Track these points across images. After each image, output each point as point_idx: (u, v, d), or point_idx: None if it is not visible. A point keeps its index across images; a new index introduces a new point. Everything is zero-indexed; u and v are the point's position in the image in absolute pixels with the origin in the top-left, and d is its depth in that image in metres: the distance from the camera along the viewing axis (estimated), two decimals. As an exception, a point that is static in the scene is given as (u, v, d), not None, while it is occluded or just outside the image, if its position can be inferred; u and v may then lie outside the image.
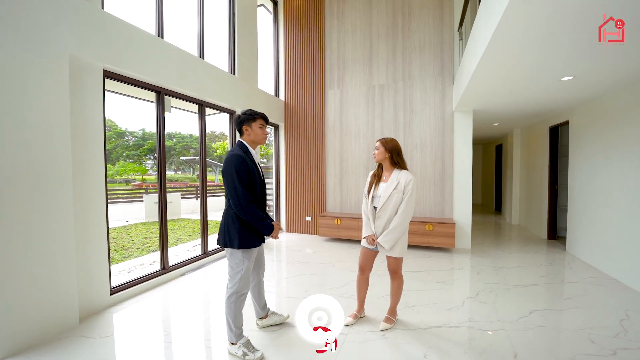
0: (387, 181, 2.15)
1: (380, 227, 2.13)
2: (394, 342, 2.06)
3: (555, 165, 4.91)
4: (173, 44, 3.29)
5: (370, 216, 2.17)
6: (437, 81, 4.57)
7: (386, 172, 2.20)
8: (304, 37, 5.51)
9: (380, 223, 2.13)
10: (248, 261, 1.92)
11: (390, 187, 2.10)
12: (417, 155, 4.71)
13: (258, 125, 1.96)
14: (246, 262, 1.92)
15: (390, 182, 2.12)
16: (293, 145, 5.65)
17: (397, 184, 2.09)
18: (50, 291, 2.14)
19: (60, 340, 2.10)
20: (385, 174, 2.20)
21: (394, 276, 2.23)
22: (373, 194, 2.17)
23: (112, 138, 20.99)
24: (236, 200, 1.82)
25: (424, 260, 3.94)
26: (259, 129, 1.96)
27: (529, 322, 2.30)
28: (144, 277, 3.06)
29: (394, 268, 2.20)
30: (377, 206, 2.15)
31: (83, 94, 2.45)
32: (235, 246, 1.87)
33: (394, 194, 2.09)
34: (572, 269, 3.54)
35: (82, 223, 2.45)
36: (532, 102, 3.90)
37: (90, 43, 2.43)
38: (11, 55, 1.93)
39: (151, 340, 2.14)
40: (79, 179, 2.41)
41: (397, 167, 2.16)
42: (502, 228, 6.11)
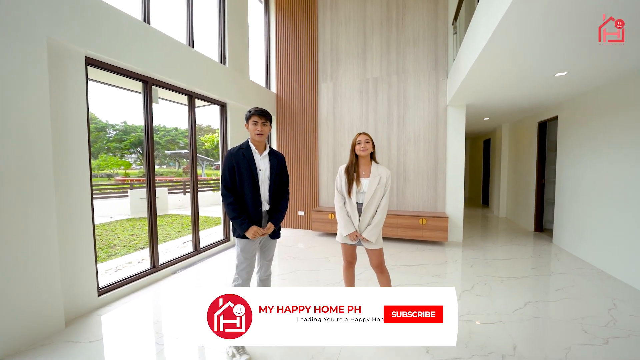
0: (369, 176, 2.11)
1: (365, 222, 2.10)
2: (395, 337, 2.05)
3: (542, 160, 5.03)
4: (161, 30, 3.11)
5: (352, 213, 2.12)
6: (431, 75, 4.56)
7: (365, 167, 2.15)
8: (296, 27, 5.37)
9: (365, 218, 2.10)
10: (242, 252, 1.93)
11: (374, 182, 2.08)
12: (411, 149, 4.72)
13: (252, 122, 1.94)
14: (240, 254, 1.94)
15: (373, 177, 2.09)
16: (285, 139, 5.54)
17: (380, 178, 2.09)
18: (32, 294, 2.00)
19: (44, 347, 1.98)
20: (364, 169, 2.15)
21: (380, 270, 2.21)
22: (356, 190, 2.12)
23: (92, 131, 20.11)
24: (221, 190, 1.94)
25: (418, 254, 3.97)
26: (252, 125, 1.94)
27: (524, 313, 2.35)
28: (133, 276, 2.94)
29: (379, 261, 2.18)
30: (361, 202, 2.11)
31: (64, 83, 2.27)
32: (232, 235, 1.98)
33: (378, 188, 2.08)
34: (560, 260, 3.66)
35: (66, 221, 2.30)
36: (524, 98, 3.95)
37: (71, 26, 2.25)
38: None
39: (142, 342, 2.05)
40: (61, 174, 2.25)
41: (374, 161, 2.16)
42: (490, 221, 6.26)
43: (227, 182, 1.89)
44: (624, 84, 3.01)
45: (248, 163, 1.90)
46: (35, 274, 2.02)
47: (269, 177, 1.98)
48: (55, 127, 2.21)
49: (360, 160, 2.16)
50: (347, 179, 2.13)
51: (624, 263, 2.99)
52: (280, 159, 2.08)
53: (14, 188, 1.91)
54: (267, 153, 2.00)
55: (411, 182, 4.75)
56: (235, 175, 1.90)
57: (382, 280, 2.24)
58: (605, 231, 3.29)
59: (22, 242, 1.95)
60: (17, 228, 1.93)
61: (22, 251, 1.95)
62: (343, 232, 2.14)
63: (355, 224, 2.12)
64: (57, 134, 2.22)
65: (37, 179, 2.03)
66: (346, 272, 2.34)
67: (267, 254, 2.09)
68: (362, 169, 2.15)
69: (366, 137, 2.12)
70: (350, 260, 2.29)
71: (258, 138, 1.93)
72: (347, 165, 2.18)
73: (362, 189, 2.10)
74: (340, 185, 2.17)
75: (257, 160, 1.94)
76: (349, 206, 2.12)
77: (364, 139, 2.11)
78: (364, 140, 2.11)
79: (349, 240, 2.17)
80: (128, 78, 2.85)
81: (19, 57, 1.93)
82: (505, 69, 2.76)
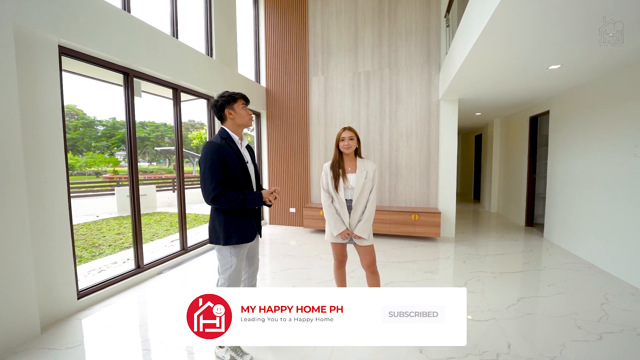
0: (356, 172, 2.04)
1: (355, 219, 2.04)
2: (388, 337, 2.00)
3: (534, 155, 5.05)
4: (142, 19, 2.95)
5: (342, 210, 2.05)
6: (423, 69, 4.49)
7: (350, 163, 2.09)
8: (286, 19, 5.22)
9: (356, 215, 2.03)
10: (236, 259, 1.74)
11: (362, 177, 2.01)
12: (403, 144, 4.66)
13: (240, 106, 1.75)
14: (234, 260, 1.73)
15: (360, 172, 2.03)
16: (275, 134, 5.43)
17: (367, 172, 2.03)
18: (2, 298, 1.87)
19: (16, 355, 1.86)
20: (349, 165, 2.08)
21: (372, 270, 2.14)
22: (344, 186, 2.05)
23: (79, 127, 19.49)
24: (206, 191, 1.62)
25: (411, 250, 3.93)
26: (242, 110, 1.76)
27: (518, 310, 2.33)
28: (116, 277, 2.81)
29: (371, 260, 2.11)
30: (350, 198, 2.04)
31: (35, 74, 2.12)
32: (221, 242, 1.69)
33: (366, 183, 2.02)
34: (551, 255, 3.67)
35: (41, 221, 2.16)
36: (516, 92, 3.92)
37: (41, 12, 2.09)
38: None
39: (125, 347, 1.95)
40: (34, 172, 2.11)
41: (358, 156, 2.11)
42: (481, 216, 6.28)
43: (220, 177, 1.61)
44: (616, 77, 2.99)
45: (237, 155, 1.72)
46: (6, 277, 1.89)
47: (253, 170, 1.87)
48: (27, 122, 2.06)
49: (344, 156, 2.08)
50: (333, 174, 2.05)
51: (615, 257, 3.00)
52: (252, 149, 1.97)
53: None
54: (246, 142, 1.86)
55: (403, 177, 4.70)
56: (227, 173, 1.65)
57: (373, 282, 2.17)
58: (595, 225, 3.30)
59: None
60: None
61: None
62: (334, 231, 2.06)
63: (346, 221, 2.04)
64: (29, 129, 2.08)
65: (6, 177, 1.89)
66: (337, 271, 2.28)
67: (255, 259, 2.00)
68: (347, 165, 2.08)
69: (350, 133, 2.04)
70: (341, 259, 2.23)
71: (250, 124, 1.80)
72: (332, 161, 2.10)
73: (350, 184, 2.03)
74: (326, 183, 2.09)
75: (242, 151, 1.79)
76: (337, 204, 2.05)
77: (348, 136, 2.02)
78: (347, 137, 2.02)
79: (340, 239, 2.09)
80: (107, 69, 2.70)
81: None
82: (499, 61, 2.71)
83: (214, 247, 1.77)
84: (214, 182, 1.60)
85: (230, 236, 1.69)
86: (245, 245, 1.78)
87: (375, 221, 4.46)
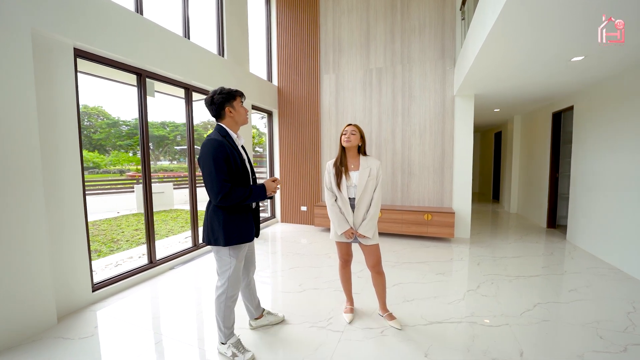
0: (359, 169, 1.99)
1: (359, 217, 2.00)
2: (392, 340, 1.95)
3: (557, 153, 4.78)
4: (154, 21, 3.03)
5: (345, 209, 2.01)
6: (438, 64, 4.34)
7: (353, 160, 2.04)
8: (297, 18, 5.21)
9: (359, 213, 1.99)
10: (236, 259, 1.74)
11: (365, 175, 1.96)
12: (416, 142, 4.54)
13: (240, 104, 1.74)
14: (234, 261, 1.73)
15: (363, 170, 1.97)
16: (287, 133, 5.44)
17: (370, 170, 1.97)
18: (21, 290, 1.98)
19: (34, 343, 1.95)
20: (352, 162, 2.03)
21: (377, 270, 2.10)
22: (346, 184, 2.00)
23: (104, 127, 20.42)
24: (214, 190, 1.58)
25: (423, 250, 3.82)
26: (241, 107, 1.74)
27: (533, 316, 2.20)
28: (130, 271, 2.91)
29: (376, 260, 2.07)
30: (353, 196, 2.00)
31: (52, 76, 2.22)
32: (220, 243, 1.68)
33: (369, 181, 1.97)
34: (574, 258, 3.46)
35: (58, 217, 2.26)
36: (536, 86, 3.71)
37: (57, 16, 2.18)
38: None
39: (136, 339, 2.00)
40: (51, 169, 2.21)
41: (362, 154, 2.05)
42: (500, 216, 6.03)
43: (226, 174, 1.58)
44: (648, 69, 2.76)
45: (237, 153, 1.71)
46: (25, 270, 1.99)
47: (250, 169, 1.87)
48: (44, 122, 2.16)
49: (347, 153, 2.04)
50: (336, 172, 2.02)
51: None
52: (244, 148, 1.94)
53: (3, 186, 1.86)
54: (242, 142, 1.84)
55: (416, 176, 4.58)
56: (230, 169, 1.62)
57: (378, 282, 2.13)
58: (623, 227, 3.07)
59: (10, 239, 1.92)
60: (6, 226, 1.89)
61: (10, 248, 1.92)
62: (338, 230, 2.03)
63: (350, 220, 2.00)
64: (46, 129, 2.17)
65: (25, 176, 1.98)
66: (342, 270, 2.25)
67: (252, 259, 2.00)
68: (350, 162, 2.03)
69: (353, 128, 2.00)
70: (346, 259, 2.20)
71: (246, 122, 1.79)
72: (335, 159, 2.06)
73: (353, 182, 1.98)
74: (329, 181, 2.06)
75: (241, 151, 1.78)
76: (340, 202, 2.01)
77: (350, 130, 1.99)
78: (349, 130, 1.99)
79: (345, 238, 2.06)
80: (120, 70, 2.78)
81: (1, 48, 1.86)
82: (516, 52, 2.56)
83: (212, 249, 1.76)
84: (221, 181, 1.57)
85: (231, 236, 1.67)
86: (244, 245, 1.77)
87: (387, 220, 4.38)
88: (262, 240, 4.46)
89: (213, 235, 1.70)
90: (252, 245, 1.99)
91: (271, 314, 2.17)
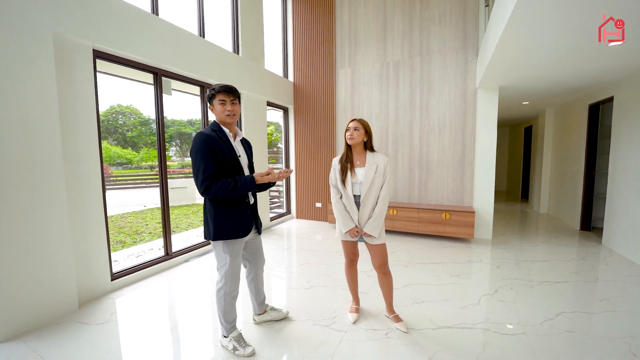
0: (365, 166, 1.92)
1: (365, 215, 1.92)
2: (396, 342, 1.88)
3: (593, 149, 4.37)
4: (170, 21, 3.11)
5: (350, 207, 1.94)
6: (459, 55, 4.11)
7: (359, 156, 1.96)
8: (313, 11, 5.15)
9: (365, 211, 1.92)
10: (230, 256, 1.72)
11: (371, 172, 1.89)
12: (434, 138, 4.34)
13: (218, 102, 1.69)
14: (228, 257, 1.73)
15: (369, 166, 1.90)
16: (303, 129, 5.42)
17: (377, 166, 1.89)
18: (47, 277, 2.13)
19: (57, 325, 2.10)
20: (358, 158, 1.96)
21: (383, 271, 2.02)
22: (352, 181, 1.93)
23: (136, 125, 21.64)
24: (197, 181, 1.59)
25: (439, 251, 3.67)
26: (219, 105, 1.69)
27: (555, 326, 2.03)
28: (147, 263, 3.05)
29: (382, 260, 1.99)
30: (359, 194, 1.93)
31: (73, 76, 2.34)
32: (211, 237, 1.69)
33: (375, 178, 1.89)
34: (609, 265, 3.15)
35: (79, 210, 2.40)
36: (569, 75, 3.40)
37: (76, 20, 2.29)
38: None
39: (149, 327, 2.09)
40: (73, 166, 2.35)
41: (369, 149, 1.97)
42: (528, 217, 5.65)
43: (210, 168, 1.57)
44: (703, 52, 2.42)
45: (228, 148, 1.69)
46: (49, 259, 2.14)
47: (247, 165, 1.85)
48: (65, 120, 2.29)
49: (353, 149, 1.97)
50: (341, 168, 1.96)
51: (694, 272, 2.47)
52: (249, 144, 1.94)
53: (25, 180, 2.00)
54: (240, 138, 1.83)
55: (435, 173, 4.39)
56: (218, 163, 1.62)
57: (385, 283, 2.06)
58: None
59: (38, 231, 2.07)
60: (33, 218, 2.04)
61: (37, 239, 2.07)
62: (342, 228, 1.98)
63: (355, 218, 1.95)
64: (67, 127, 2.30)
65: (49, 172, 2.12)
66: (348, 269, 2.20)
67: (259, 254, 1.98)
68: (356, 159, 1.97)
69: (356, 124, 1.92)
70: (352, 258, 2.14)
71: (229, 120, 1.70)
72: (341, 155, 2.01)
73: (358, 179, 1.92)
74: (334, 177, 2.01)
75: (235, 146, 1.76)
76: (345, 199, 1.96)
77: (353, 126, 1.92)
78: (352, 127, 1.92)
79: (350, 237, 2.01)
80: (137, 69, 2.89)
81: (25, 52, 1.99)
82: (543, 36, 2.33)
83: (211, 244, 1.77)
84: (204, 173, 1.57)
85: (220, 231, 1.67)
86: (237, 241, 1.75)
87: (402, 219, 4.25)
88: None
89: (207, 229, 1.72)
90: (256, 240, 1.98)
91: (275, 309, 2.17)
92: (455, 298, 2.45)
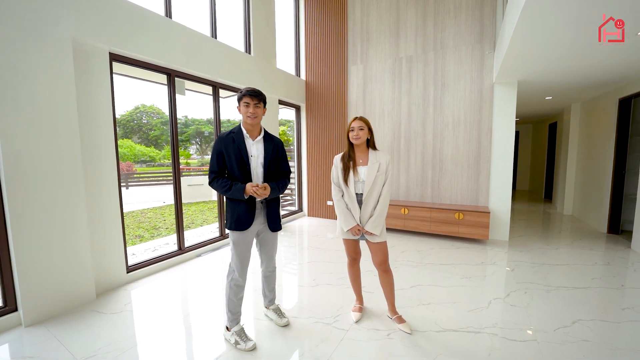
0: (368, 164, 1.90)
1: (367, 214, 1.92)
2: (398, 344, 1.85)
3: (623, 146, 4.07)
4: (182, 24, 3.20)
5: (352, 205, 1.93)
6: (475, 49, 3.95)
7: (362, 154, 1.95)
8: (325, 9, 5.12)
9: (367, 210, 1.91)
10: (234, 245, 1.85)
11: (374, 170, 1.88)
12: (449, 135, 4.21)
13: (243, 104, 1.82)
14: (233, 247, 1.86)
15: (372, 165, 1.89)
16: (314, 127, 5.42)
17: (379, 165, 1.88)
18: (67, 270, 2.27)
19: (75, 314, 2.24)
20: (360, 157, 1.95)
21: (384, 268, 2.00)
22: (354, 179, 1.92)
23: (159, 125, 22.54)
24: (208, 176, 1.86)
25: (451, 252, 3.57)
26: (243, 107, 1.82)
27: (569, 334, 1.92)
28: (160, 257, 3.17)
29: (383, 258, 1.98)
30: (361, 192, 1.92)
31: (91, 78, 2.46)
32: (226, 225, 1.88)
33: (378, 176, 1.88)
34: (637, 270, 2.94)
35: (96, 206, 2.54)
36: (595, 68, 3.18)
37: (94, 25, 2.41)
38: (8, 42, 1.94)
39: (159, 317, 2.18)
40: (90, 164, 2.48)
41: (371, 147, 1.96)
42: (551, 218, 5.37)
43: (214, 166, 1.82)
44: None
45: (238, 148, 1.80)
46: (69, 252, 2.28)
47: (262, 164, 1.87)
48: (84, 121, 2.41)
49: (356, 147, 1.97)
50: (343, 166, 1.95)
51: None
52: (277, 144, 1.95)
53: (47, 179, 2.15)
54: (261, 138, 1.89)
55: (449, 172, 4.26)
56: (224, 162, 1.82)
57: (385, 281, 2.03)
58: None
59: (58, 225, 2.21)
60: (53, 213, 2.18)
61: (58, 232, 2.21)
62: (344, 227, 1.97)
63: (356, 216, 1.93)
64: (85, 127, 2.43)
65: (69, 169, 2.26)
66: (351, 268, 2.19)
67: (267, 249, 2.00)
68: (358, 157, 1.95)
69: (360, 123, 1.91)
70: (353, 256, 2.13)
71: (250, 121, 1.81)
72: (343, 153, 2.00)
73: (361, 177, 1.91)
74: (336, 176, 2.00)
75: (249, 146, 1.84)
76: (347, 198, 1.94)
77: (358, 126, 1.90)
78: (357, 127, 1.90)
79: (351, 235, 2.00)
80: (151, 71, 3.00)
81: (46, 58, 2.11)
82: (564, 25, 2.20)
83: None
84: (210, 169, 1.84)
85: (227, 221, 1.85)
86: (241, 234, 1.83)
87: (414, 218, 4.16)
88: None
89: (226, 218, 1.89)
90: (267, 236, 1.97)
91: (279, 314, 2.11)
92: (463, 301, 2.38)
